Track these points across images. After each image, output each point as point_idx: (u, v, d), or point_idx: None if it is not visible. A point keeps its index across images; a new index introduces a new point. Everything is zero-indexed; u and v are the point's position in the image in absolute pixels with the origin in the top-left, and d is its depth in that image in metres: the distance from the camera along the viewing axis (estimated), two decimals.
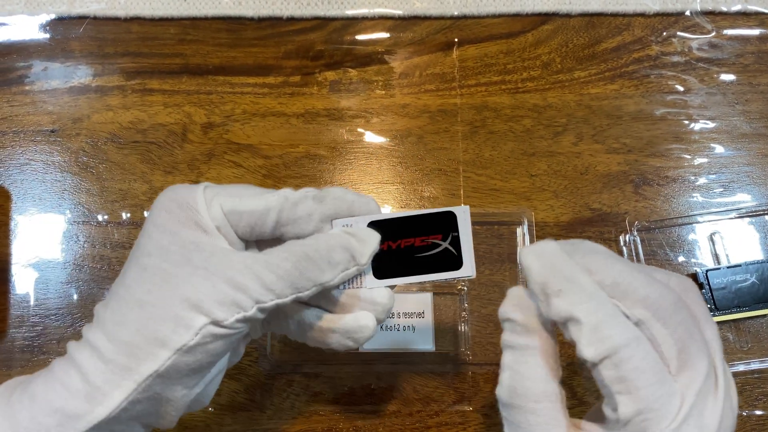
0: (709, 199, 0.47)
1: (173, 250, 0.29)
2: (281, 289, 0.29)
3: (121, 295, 0.29)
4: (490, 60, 0.50)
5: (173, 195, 0.31)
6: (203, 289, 0.29)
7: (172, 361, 0.28)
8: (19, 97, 0.49)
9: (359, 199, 0.32)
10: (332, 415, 0.43)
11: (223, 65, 0.50)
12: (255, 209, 0.31)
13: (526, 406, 0.28)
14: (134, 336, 0.28)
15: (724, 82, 0.49)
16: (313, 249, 0.30)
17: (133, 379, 0.28)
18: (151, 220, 0.31)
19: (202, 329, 0.28)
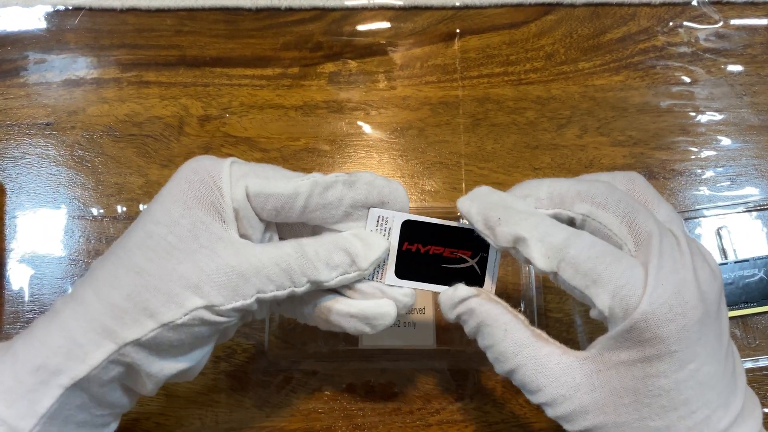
0: (716, 192, 0.46)
1: (183, 224, 0.29)
2: (281, 282, 0.29)
3: (119, 257, 0.29)
4: (493, 51, 0.49)
5: (197, 167, 0.30)
6: (206, 269, 0.28)
7: (156, 334, 0.28)
8: (13, 89, 0.48)
9: (388, 185, 0.32)
10: (331, 412, 0.42)
11: (220, 57, 0.49)
12: (283, 192, 0.30)
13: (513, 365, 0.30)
14: (124, 300, 0.28)
15: (732, 73, 0.48)
16: (313, 249, 0.30)
17: (114, 342, 0.28)
18: (168, 188, 0.30)
19: (193, 311, 0.28)
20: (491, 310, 0.30)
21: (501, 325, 0.30)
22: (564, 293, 0.44)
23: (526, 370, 0.29)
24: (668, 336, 0.26)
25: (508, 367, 0.30)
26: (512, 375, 0.30)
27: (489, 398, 0.42)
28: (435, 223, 0.33)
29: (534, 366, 0.29)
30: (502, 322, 0.30)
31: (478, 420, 0.42)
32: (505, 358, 0.30)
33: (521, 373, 0.30)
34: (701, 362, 0.27)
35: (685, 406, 0.27)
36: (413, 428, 0.42)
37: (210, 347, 0.32)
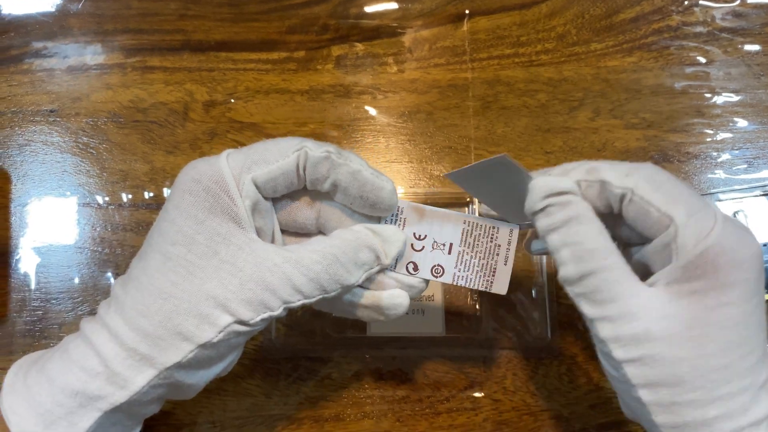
0: (732, 176, 0.45)
1: (199, 240, 0.29)
2: (310, 291, 0.29)
3: (143, 283, 0.29)
4: (503, 32, 0.48)
5: (196, 175, 0.29)
6: (230, 286, 0.28)
7: (194, 354, 0.28)
8: (17, 76, 0.47)
9: (374, 181, 0.30)
10: (339, 400, 0.41)
11: (225, 41, 0.48)
12: (288, 169, 0.30)
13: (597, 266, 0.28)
14: (157, 328, 0.28)
15: (749, 53, 0.47)
16: (341, 251, 0.30)
17: (154, 368, 0.28)
18: (173, 204, 0.30)
19: (227, 328, 0.28)
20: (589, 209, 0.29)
21: (596, 225, 0.29)
22: None
23: (608, 275, 0.28)
24: (742, 262, 0.27)
25: (589, 268, 0.28)
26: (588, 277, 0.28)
27: (499, 386, 0.41)
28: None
29: (618, 274, 0.28)
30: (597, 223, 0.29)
31: (488, 408, 0.41)
32: (591, 257, 0.28)
33: (601, 278, 0.28)
34: (761, 299, 0.27)
35: (746, 344, 0.27)
36: (422, 416, 0.41)
37: (242, 346, 0.32)
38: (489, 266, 0.33)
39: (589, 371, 0.41)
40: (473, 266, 0.33)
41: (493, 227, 0.33)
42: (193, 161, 0.31)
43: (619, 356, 0.28)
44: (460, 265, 0.33)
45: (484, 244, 0.33)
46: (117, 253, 0.44)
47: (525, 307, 0.43)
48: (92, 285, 0.43)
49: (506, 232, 0.33)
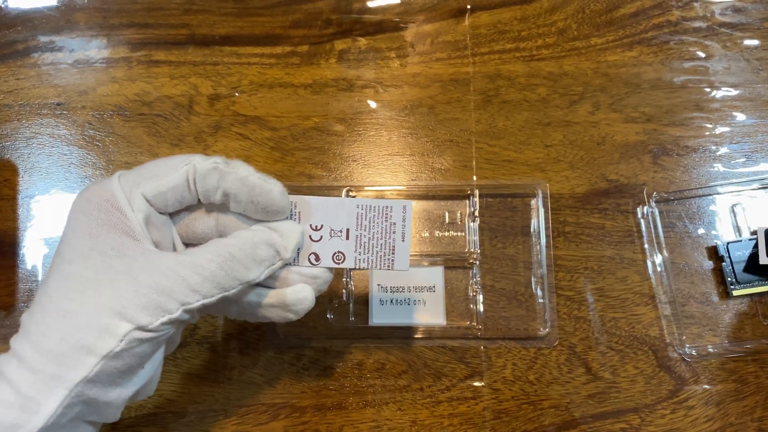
0: (730, 169, 0.45)
1: (93, 256, 0.29)
2: (207, 290, 0.29)
3: (43, 304, 0.29)
4: (504, 27, 0.48)
5: (89, 195, 0.30)
6: (126, 294, 0.28)
7: (100, 367, 0.28)
8: (24, 70, 0.48)
9: (261, 184, 0.31)
10: (341, 389, 0.42)
11: (229, 35, 0.48)
12: (176, 184, 0.30)
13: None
14: (59, 345, 0.28)
15: (748, 48, 0.47)
16: (237, 248, 0.30)
17: (64, 386, 0.28)
18: (69, 225, 0.30)
19: (127, 335, 0.28)
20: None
21: None
22: (575, 270, 0.43)
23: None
24: None
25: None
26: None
27: (499, 375, 0.42)
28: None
29: None
30: None
31: (488, 397, 0.42)
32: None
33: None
34: None
35: None
36: (423, 405, 0.42)
37: (159, 359, 0.32)
38: (387, 245, 0.34)
39: (587, 361, 0.42)
40: (372, 247, 0.33)
41: (386, 206, 0.33)
42: (88, 185, 0.31)
43: None
44: (359, 248, 0.34)
45: (380, 224, 0.33)
46: None
47: (524, 297, 0.43)
48: None
49: (400, 209, 0.33)
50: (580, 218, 0.44)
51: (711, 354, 0.42)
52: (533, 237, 0.44)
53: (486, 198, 0.45)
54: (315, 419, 0.42)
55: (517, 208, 0.45)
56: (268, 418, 0.42)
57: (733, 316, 0.43)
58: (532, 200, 0.45)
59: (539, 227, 0.44)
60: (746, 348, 0.42)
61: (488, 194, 0.45)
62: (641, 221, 0.44)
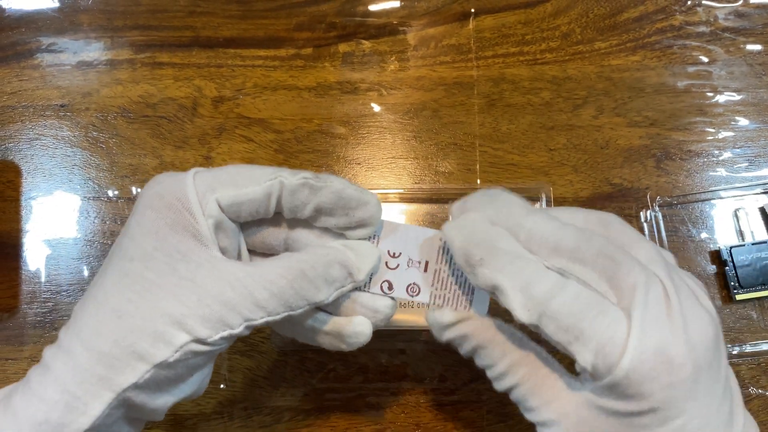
0: (733, 173, 0.45)
1: (158, 257, 0.28)
2: (273, 307, 0.28)
3: (98, 300, 0.28)
4: (508, 31, 0.48)
5: (161, 190, 0.29)
6: (188, 302, 0.27)
7: (151, 375, 0.27)
8: (27, 71, 0.48)
9: (358, 195, 0.29)
10: (346, 392, 0.42)
11: (233, 38, 0.49)
12: (255, 198, 0.29)
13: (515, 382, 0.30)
14: (112, 347, 0.27)
15: (751, 53, 0.47)
16: (309, 266, 0.28)
17: (111, 390, 0.27)
18: (135, 219, 0.29)
19: (183, 347, 0.27)
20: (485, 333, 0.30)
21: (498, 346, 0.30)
22: None
23: (522, 390, 0.29)
24: (650, 394, 0.25)
25: (506, 386, 0.30)
26: (510, 392, 0.30)
27: None
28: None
29: (530, 387, 0.29)
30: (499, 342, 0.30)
31: (492, 400, 0.42)
32: (503, 377, 0.30)
33: (518, 392, 0.30)
34: (689, 417, 0.25)
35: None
36: (427, 408, 0.42)
37: (209, 369, 0.31)
38: (468, 284, 0.31)
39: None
40: (450, 285, 0.31)
41: None
42: (159, 175, 0.30)
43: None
44: (437, 283, 0.31)
45: None
46: None
47: None
48: None
49: None
50: None
51: None
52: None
53: None
54: (319, 422, 0.42)
55: None
56: (272, 421, 0.42)
57: (736, 321, 0.43)
58: (536, 204, 0.45)
59: None
60: (749, 352, 0.42)
61: None
62: (644, 225, 0.44)
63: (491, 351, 0.30)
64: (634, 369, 0.25)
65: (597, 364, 0.25)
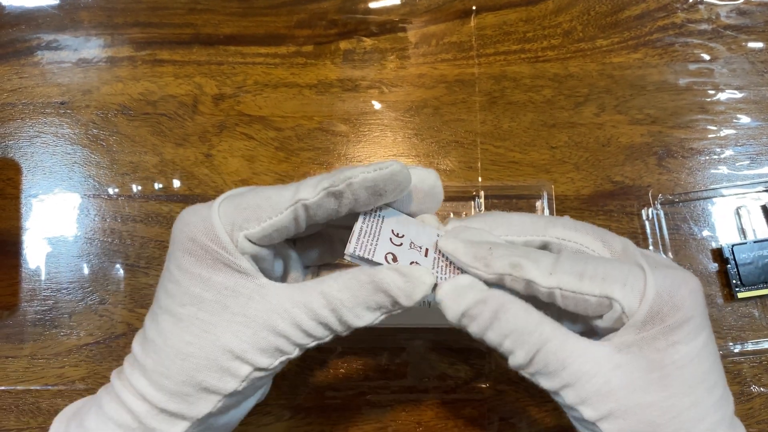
0: (735, 171, 0.45)
1: (207, 298, 0.29)
2: (320, 334, 0.29)
3: (159, 345, 0.29)
4: (509, 28, 0.48)
5: (191, 233, 0.29)
6: (244, 338, 0.28)
7: (223, 403, 0.29)
8: (28, 68, 0.48)
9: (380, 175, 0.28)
10: (347, 390, 0.42)
11: (234, 35, 0.48)
12: (281, 226, 0.29)
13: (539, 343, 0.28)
14: (182, 387, 0.28)
15: (753, 50, 0.47)
16: (351, 295, 0.28)
17: (187, 420, 0.29)
18: (175, 264, 0.29)
19: (249, 376, 0.29)
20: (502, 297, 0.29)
21: (519, 306, 0.28)
22: None
23: (551, 347, 0.28)
24: (682, 303, 0.27)
25: (533, 348, 0.28)
26: (535, 357, 0.28)
27: (503, 377, 0.42)
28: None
29: (559, 342, 0.28)
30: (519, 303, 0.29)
31: (493, 399, 0.42)
32: (530, 337, 0.28)
33: (545, 351, 0.28)
34: (709, 333, 0.28)
35: (707, 379, 0.27)
36: (427, 406, 0.42)
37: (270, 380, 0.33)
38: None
39: None
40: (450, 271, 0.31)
41: None
42: (184, 214, 0.30)
43: (590, 416, 0.27)
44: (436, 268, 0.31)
45: None
46: (127, 244, 0.44)
47: None
48: (102, 275, 0.44)
49: None
50: (585, 220, 0.44)
51: None
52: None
53: (491, 199, 0.45)
54: (319, 420, 0.41)
55: (523, 210, 0.45)
56: (273, 419, 0.41)
57: (738, 319, 0.43)
58: (537, 202, 0.45)
59: None
60: (751, 350, 0.42)
61: (493, 195, 0.45)
62: (646, 223, 0.44)
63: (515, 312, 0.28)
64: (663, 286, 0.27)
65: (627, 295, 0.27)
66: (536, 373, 0.29)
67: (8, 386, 0.42)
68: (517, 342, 0.28)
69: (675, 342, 0.27)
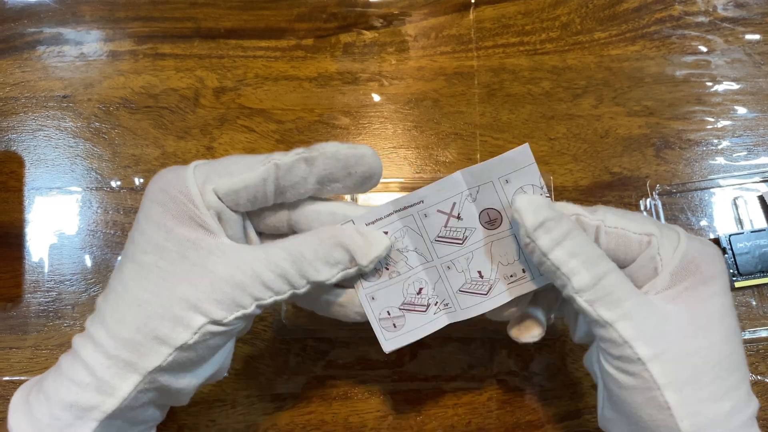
0: (732, 162, 0.46)
1: (169, 247, 0.29)
2: (279, 287, 0.29)
3: (119, 293, 0.30)
4: (508, 21, 0.49)
5: (164, 185, 0.30)
6: (201, 287, 0.29)
7: (173, 357, 0.29)
8: (30, 62, 0.48)
9: (353, 153, 0.30)
10: (346, 379, 0.42)
11: (234, 28, 0.49)
12: (250, 183, 0.30)
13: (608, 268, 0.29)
14: (134, 334, 0.28)
15: (750, 42, 0.48)
16: (311, 248, 0.30)
17: (138, 373, 0.28)
18: (143, 214, 0.30)
19: (201, 328, 0.29)
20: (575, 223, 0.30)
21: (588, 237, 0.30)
22: None
23: (618, 276, 0.29)
24: (714, 258, 0.30)
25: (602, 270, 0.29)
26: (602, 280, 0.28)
27: (503, 366, 0.42)
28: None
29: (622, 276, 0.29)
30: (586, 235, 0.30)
31: (493, 387, 0.42)
32: (600, 261, 0.29)
33: (613, 278, 0.29)
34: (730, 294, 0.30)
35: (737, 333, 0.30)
36: (428, 395, 0.42)
37: (230, 348, 0.33)
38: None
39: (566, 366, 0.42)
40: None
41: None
42: (162, 170, 0.31)
43: (644, 354, 0.27)
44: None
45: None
46: None
47: None
48: (105, 267, 0.44)
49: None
50: None
51: None
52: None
53: None
54: (321, 409, 0.42)
55: None
56: (274, 408, 0.42)
57: (735, 308, 0.43)
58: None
59: None
60: (748, 339, 0.42)
61: None
62: (644, 214, 0.44)
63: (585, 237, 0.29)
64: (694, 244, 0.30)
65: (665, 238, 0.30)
66: (597, 299, 0.28)
67: (12, 376, 0.43)
68: (586, 263, 0.28)
69: (714, 293, 0.29)
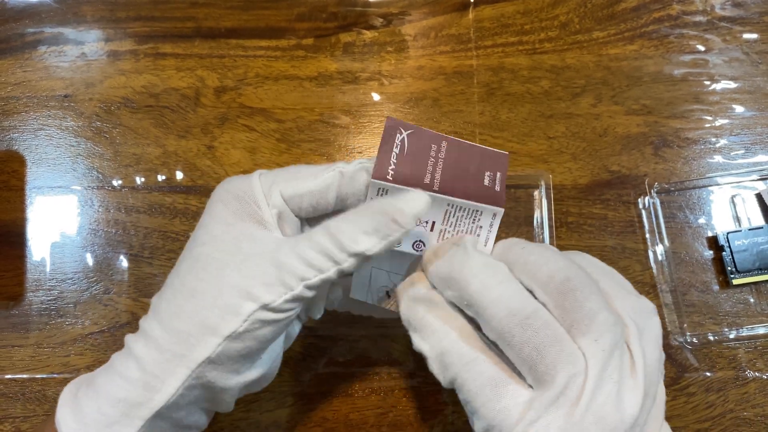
0: (730, 160, 0.46)
1: (225, 239, 0.30)
2: (322, 264, 0.29)
3: (175, 286, 0.30)
4: (507, 20, 0.49)
5: (229, 187, 0.32)
6: (251, 273, 0.29)
7: (222, 348, 0.29)
8: (31, 62, 0.48)
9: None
10: (348, 377, 0.43)
11: (235, 28, 0.49)
12: (314, 189, 0.32)
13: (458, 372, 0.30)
14: (187, 324, 0.29)
15: (747, 41, 0.48)
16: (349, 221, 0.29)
17: (186, 366, 0.29)
18: (207, 212, 0.32)
19: (251, 316, 0.29)
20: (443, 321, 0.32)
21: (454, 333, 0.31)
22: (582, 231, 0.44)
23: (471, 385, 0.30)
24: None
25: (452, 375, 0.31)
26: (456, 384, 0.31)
27: None
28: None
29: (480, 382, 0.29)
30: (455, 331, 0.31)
31: None
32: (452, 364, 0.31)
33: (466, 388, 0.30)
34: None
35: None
36: (428, 392, 0.42)
37: (279, 351, 0.34)
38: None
39: None
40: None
41: (476, 210, 0.33)
42: (229, 177, 0.33)
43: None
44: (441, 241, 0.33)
45: (467, 224, 0.33)
46: (131, 234, 0.45)
47: None
48: (107, 265, 0.44)
49: (489, 214, 0.33)
50: (583, 209, 0.45)
51: (711, 342, 0.43)
52: (536, 228, 0.44)
53: None
54: (321, 406, 0.42)
55: (521, 199, 0.45)
56: (275, 406, 0.42)
57: (733, 305, 0.43)
58: (535, 191, 0.45)
59: (542, 218, 0.44)
60: (746, 336, 0.43)
61: None
62: (642, 212, 0.45)
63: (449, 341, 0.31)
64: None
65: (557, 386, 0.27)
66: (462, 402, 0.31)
67: (14, 374, 0.43)
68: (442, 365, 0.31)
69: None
